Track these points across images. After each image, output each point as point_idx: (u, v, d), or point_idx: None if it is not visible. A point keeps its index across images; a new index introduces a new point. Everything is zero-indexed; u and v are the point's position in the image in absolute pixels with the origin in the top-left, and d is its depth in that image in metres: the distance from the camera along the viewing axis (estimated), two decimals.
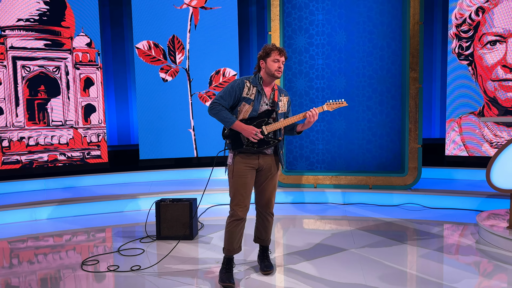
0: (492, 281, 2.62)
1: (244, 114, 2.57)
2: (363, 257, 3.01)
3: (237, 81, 2.60)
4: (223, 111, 2.54)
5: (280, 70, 2.57)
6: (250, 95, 2.58)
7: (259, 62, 2.63)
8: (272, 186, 2.72)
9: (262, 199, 2.73)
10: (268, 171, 2.67)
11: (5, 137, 5.12)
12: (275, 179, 2.72)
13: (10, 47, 5.08)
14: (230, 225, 2.62)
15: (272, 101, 2.64)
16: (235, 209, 2.60)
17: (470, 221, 3.89)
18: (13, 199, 4.53)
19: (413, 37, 4.53)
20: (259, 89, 2.60)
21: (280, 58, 2.57)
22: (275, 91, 2.66)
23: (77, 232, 3.82)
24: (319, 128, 4.99)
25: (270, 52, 2.56)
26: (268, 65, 2.57)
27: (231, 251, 2.64)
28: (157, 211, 3.52)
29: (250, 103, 2.57)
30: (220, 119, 2.55)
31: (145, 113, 5.73)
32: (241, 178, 2.59)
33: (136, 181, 5.55)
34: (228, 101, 2.56)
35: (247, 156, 2.60)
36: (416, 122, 4.59)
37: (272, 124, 2.57)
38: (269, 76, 2.60)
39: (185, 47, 5.78)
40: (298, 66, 4.96)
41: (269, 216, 2.77)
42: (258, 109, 2.58)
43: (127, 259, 3.06)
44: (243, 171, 2.59)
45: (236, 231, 2.62)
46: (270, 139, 2.58)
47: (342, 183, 4.82)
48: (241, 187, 2.59)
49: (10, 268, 2.96)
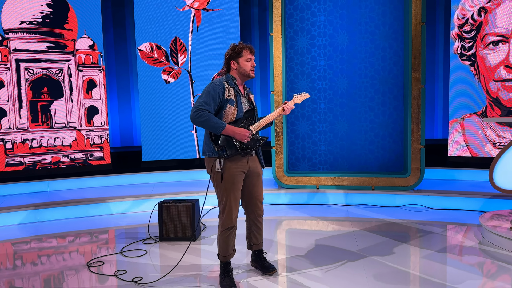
0: (495, 282, 2.61)
1: (231, 116, 2.50)
2: (365, 258, 3.01)
3: (217, 83, 2.49)
4: (212, 117, 2.41)
5: (253, 68, 2.53)
6: (231, 97, 2.49)
7: (228, 62, 2.55)
8: (261, 189, 2.69)
9: (253, 203, 2.67)
10: (256, 174, 2.63)
11: (8, 139, 5.15)
12: (261, 180, 2.69)
13: (13, 50, 5.11)
14: (223, 234, 2.55)
15: (248, 100, 2.62)
16: (227, 218, 2.52)
17: (473, 222, 3.88)
18: (17, 201, 4.55)
19: (415, 38, 4.53)
20: (236, 90, 2.54)
21: (252, 57, 2.53)
22: (247, 90, 2.64)
23: (80, 233, 3.84)
24: (322, 129, 4.99)
25: (241, 51, 2.50)
26: (241, 65, 2.52)
27: (226, 257, 2.61)
28: (159, 213, 3.53)
29: (233, 104, 2.49)
30: (209, 126, 2.41)
31: (148, 115, 5.75)
32: (234, 184, 2.50)
33: (139, 182, 5.57)
34: (213, 106, 2.44)
35: (237, 160, 2.52)
36: (419, 123, 4.59)
37: (257, 122, 2.55)
38: (243, 76, 2.55)
39: (187, 49, 5.80)
40: (300, 67, 4.96)
41: (260, 217, 2.73)
42: (242, 109, 2.55)
43: (130, 261, 3.07)
44: (236, 177, 2.51)
45: (229, 239, 2.58)
46: (260, 137, 2.58)
47: (345, 184, 4.82)
48: (233, 193, 2.51)
49: (13, 270, 2.97)
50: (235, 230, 2.61)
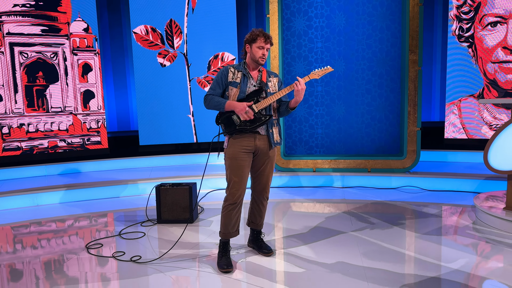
0: (489, 261, 2.66)
1: (233, 97, 2.60)
2: (360, 238, 3.05)
3: (221, 70, 2.66)
4: (215, 97, 2.60)
5: (264, 57, 2.58)
6: (235, 79, 2.60)
7: (245, 45, 2.64)
8: (269, 171, 2.73)
9: (259, 184, 2.74)
10: (265, 155, 2.66)
11: (5, 123, 5.13)
12: (272, 163, 2.72)
13: (7, 33, 5.04)
14: (225, 210, 2.64)
15: (260, 82, 2.65)
16: (230, 194, 2.61)
17: (468, 203, 3.93)
18: (15, 185, 4.57)
19: (412, 19, 4.48)
20: (244, 73, 2.62)
21: (266, 46, 2.57)
22: (262, 72, 2.67)
23: (79, 217, 3.87)
24: (319, 112, 4.99)
25: (256, 38, 2.55)
26: (253, 50, 2.58)
27: (226, 234, 2.66)
28: (157, 196, 3.56)
29: (236, 86, 2.60)
30: (214, 105, 2.60)
31: (144, 99, 5.73)
32: (236, 161, 2.58)
33: (136, 166, 5.59)
34: (218, 90, 2.63)
35: (243, 138, 2.60)
36: (415, 105, 4.59)
37: (261, 101, 2.58)
38: (254, 62, 2.62)
39: (183, 31, 5.73)
40: (297, 50, 4.93)
41: (265, 200, 2.80)
42: (245, 91, 2.60)
43: (129, 243, 3.11)
44: (239, 154, 2.59)
45: (231, 215, 2.63)
46: (262, 115, 2.59)
47: (341, 166, 4.85)
48: (237, 170, 2.58)
49: (14, 253, 3.01)
50: (238, 208, 2.64)
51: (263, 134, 2.64)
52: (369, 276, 2.42)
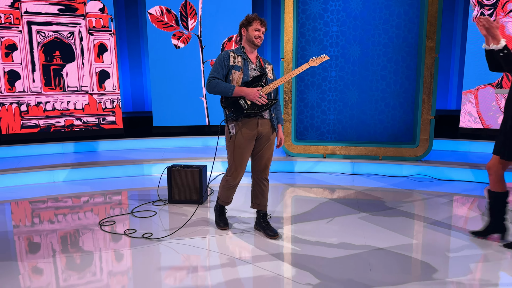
0: (497, 253, 2.66)
1: (237, 81, 2.67)
2: (367, 224, 3.08)
3: (222, 54, 2.71)
4: (222, 82, 2.63)
5: (259, 38, 2.69)
6: (237, 63, 2.68)
7: (240, 29, 2.74)
8: (270, 153, 2.83)
9: (259, 166, 2.84)
10: (266, 138, 2.78)
11: (23, 101, 5.26)
12: (272, 146, 2.84)
13: (25, 12, 5.11)
14: (225, 186, 2.89)
15: (260, 67, 2.77)
16: (232, 178, 2.81)
17: (480, 194, 3.90)
18: (33, 162, 4.72)
19: (431, 4, 4.37)
20: (244, 57, 2.71)
21: (261, 28, 2.71)
22: (259, 59, 2.80)
23: (94, 194, 3.99)
24: (331, 98, 4.96)
25: (252, 21, 2.70)
26: (249, 32, 2.70)
27: (225, 203, 3.00)
28: (168, 176, 3.64)
29: (239, 69, 2.67)
30: (220, 90, 2.63)
31: (158, 80, 5.77)
32: (240, 149, 2.71)
33: (149, 147, 5.69)
34: (221, 73, 2.66)
35: (248, 124, 2.68)
36: (430, 93, 4.51)
37: (267, 85, 2.68)
38: (250, 43, 2.72)
39: (198, 12, 5.71)
40: (312, 33, 4.87)
41: (265, 181, 2.90)
42: (248, 74, 2.70)
43: (141, 221, 3.21)
44: (244, 143, 2.70)
45: (230, 191, 2.93)
46: (269, 100, 2.68)
47: (352, 153, 4.84)
48: (240, 158, 2.73)
49: (32, 227, 3.15)
50: (236, 187, 2.93)
51: (267, 118, 2.75)
52: (372, 263, 2.46)
